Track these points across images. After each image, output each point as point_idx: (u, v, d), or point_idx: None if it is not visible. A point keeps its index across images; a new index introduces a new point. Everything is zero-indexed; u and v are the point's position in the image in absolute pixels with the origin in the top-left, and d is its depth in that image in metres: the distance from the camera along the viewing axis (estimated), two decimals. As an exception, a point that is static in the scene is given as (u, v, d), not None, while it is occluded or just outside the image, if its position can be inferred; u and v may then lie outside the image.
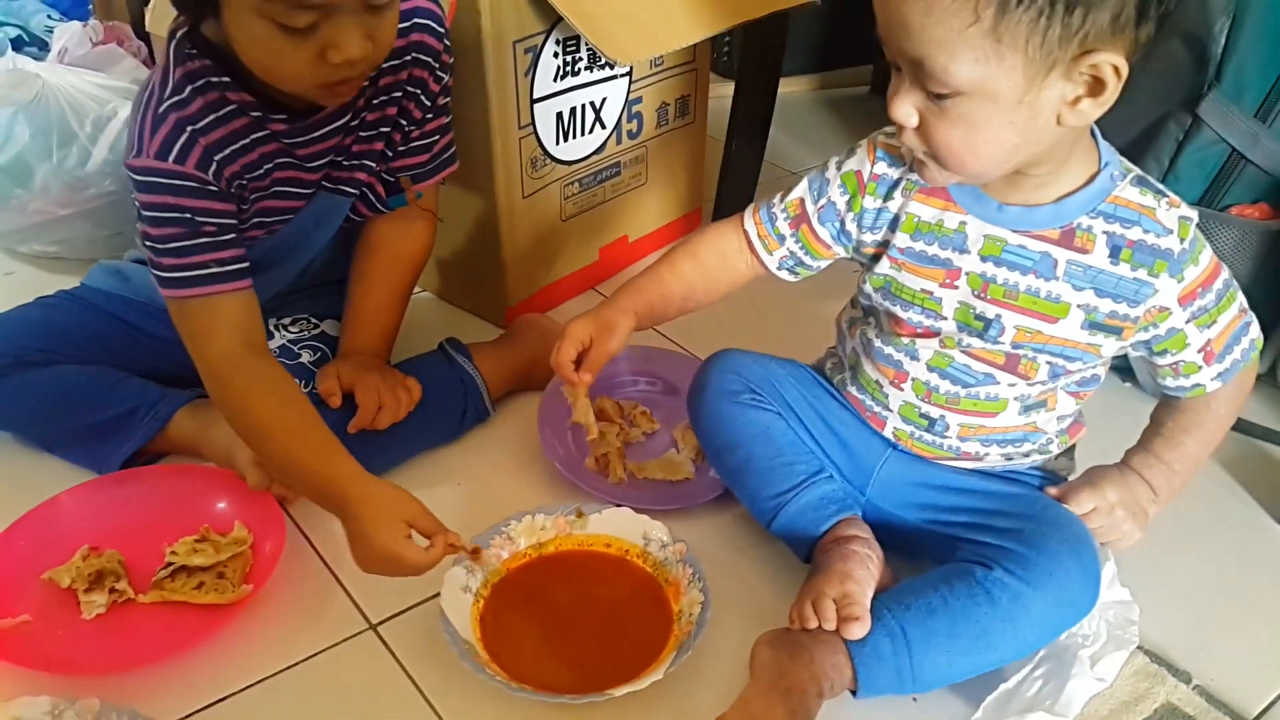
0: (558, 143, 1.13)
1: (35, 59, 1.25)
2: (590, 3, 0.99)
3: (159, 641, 0.79)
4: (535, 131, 1.10)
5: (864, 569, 0.75)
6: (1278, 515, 0.95)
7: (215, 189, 0.80)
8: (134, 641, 0.79)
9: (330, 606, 0.84)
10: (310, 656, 0.79)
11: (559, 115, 1.12)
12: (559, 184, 1.17)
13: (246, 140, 0.81)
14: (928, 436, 0.81)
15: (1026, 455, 0.81)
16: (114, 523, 0.88)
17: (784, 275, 0.84)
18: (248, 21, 0.73)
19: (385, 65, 0.86)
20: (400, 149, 0.93)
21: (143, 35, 1.39)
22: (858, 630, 0.71)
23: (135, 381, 0.95)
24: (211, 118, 0.79)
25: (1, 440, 0.98)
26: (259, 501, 0.88)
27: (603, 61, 1.12)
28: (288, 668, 0.79)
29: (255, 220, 0.87)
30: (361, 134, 0.90)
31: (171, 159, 0.77)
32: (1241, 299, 0.74)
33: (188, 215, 0.79)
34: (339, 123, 0.87)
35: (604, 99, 1.16)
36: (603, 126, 1.18)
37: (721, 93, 1.38)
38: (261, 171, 0.84)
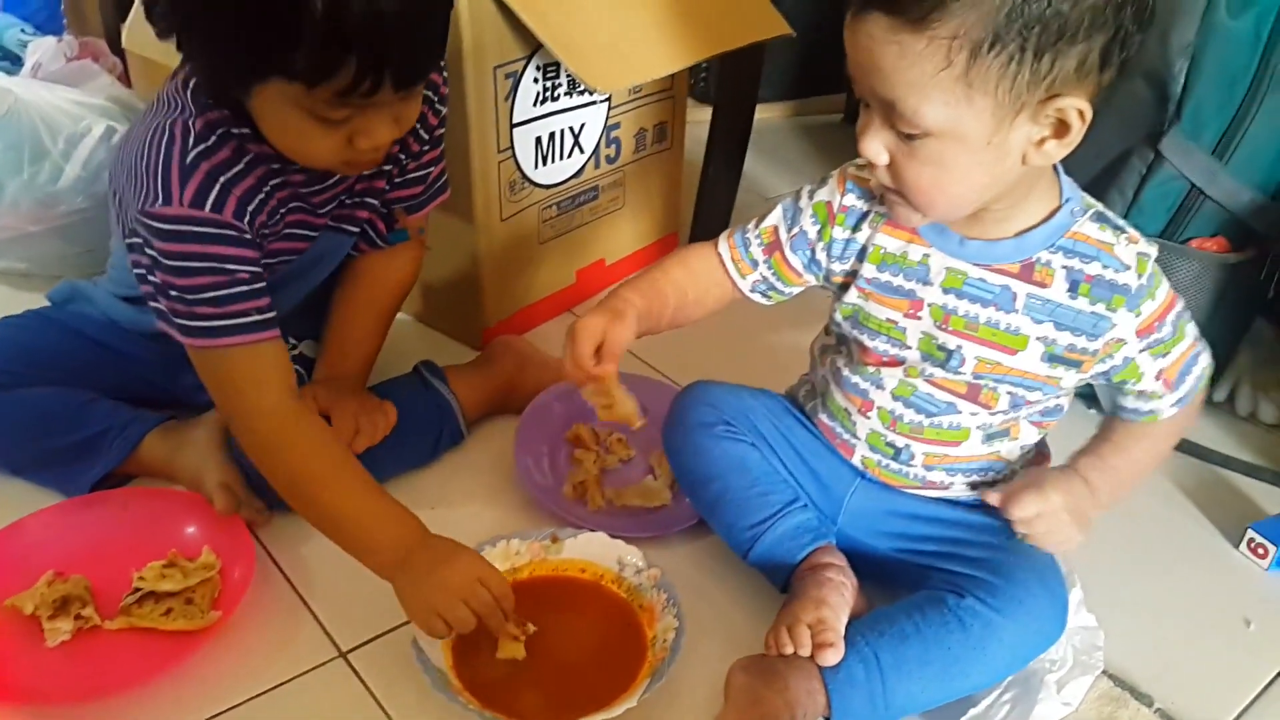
0: (536, 166, 1.14)
1: (8, 74, 1.25)
2: (572, 31, 1.00)
3: (126, 669, 0.78)
4: (514, 155, 1.10)
5: (838, 596, 0.76)
6: (1236, 541, 0.97)
7: (249, 237, 0.79)
8: (100, 669, 0.78)
9: (300, 633, 0.83)
10: (280, 684, 0.79)
11: (538, 140, 1.12)
12: (537, 207, 1.17)
13: (268, 188, 0.81)
14: (894, 465, 0.82)
15: (992, 485, 0.82)
16: (80, 547, 0.87)
17: (756, 298, 0.84)
18: (282, 110, 0.73)
19: None
20: (397, 181, 0.93)
21: (118, 51, 1.38)
22: (832, 656, 0.71)
23: (105, 403, 0.94)
24: (240, 166, 0.78)
25: (-38, 458, 0.96)
26: (228, 526, 0.87)
27: (582, 88, 1.13)
28: (257, 695, 0.78)
29: (264, 262, 0.86)
30: (365, 172, 0.89)
31: (209, 208, 0.76)
32: (1193, 328, 0.76)
33: (224, 264, 0.77)
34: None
35: (583, 124, 1.17)
36: (581, 151, 1.19)
37: (699, 118, 1.40)
38: (278, 217, 0.84)
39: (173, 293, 0.77)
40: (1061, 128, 0.64)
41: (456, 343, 1.20)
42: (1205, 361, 0.77)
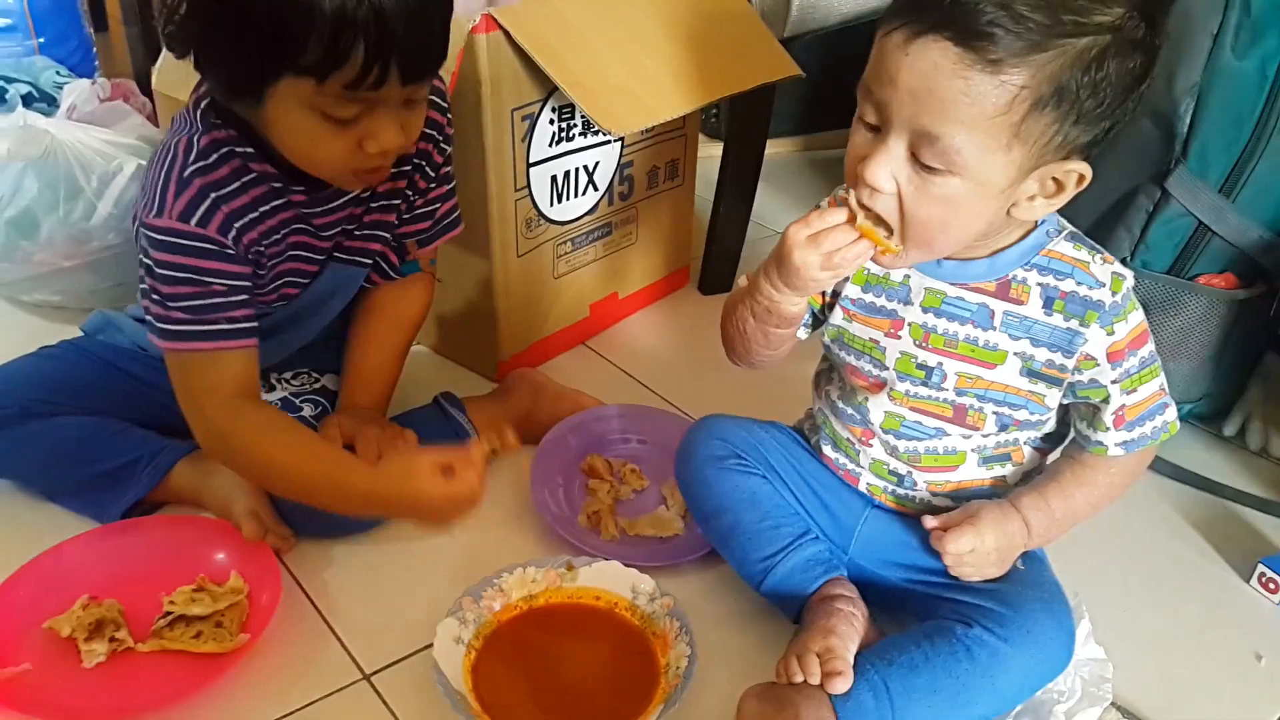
0: (552, 204, 1.17)
1: (45, 114, 1.29)
2: (586, 75, 1.03)
3: (158, 690, 0.80)
4: (530, 194, 1.14)
5: (848, 625, 0.78)
6: (1246, 575, 0.97)
7: (232, 252, 0.83)
8: (133, 690, 0.80)
9: (324, 656, 0.85)
10: (306, 705, 0.81)
11: (553, 178, 1.16)
12: (552, 243, 1.20)
13: (266, 207, 0.85)
14: (899, 490, 0.84)
15: None
16: (113, 572, 0.89)
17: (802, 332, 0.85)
18: (294, 112, 0.76)
19: None
20: (405, 216, 0.97)
21: (148, 92, 1.43)
22: (840, 684, 0.73)
23: (136, 432, 0.98)
24: (235, 185, 0.82)
25: (4, 489, 0.99)
26: (255, 552, 0.90)
27: (596, 128, 1.16)
28: (284, 716, 0.80)
29: (276, 284, 0.90)
30: (373, 205, 0.93)
31: (194, 222, 0.80)
32: (1163, 379, 0.76)
33: (202, 276, 0.82)
34: (352, 194, 0.90)
35: (596, 163, 1.20)
36: (595, 189, 1.22)
37: (710, 153, 1.43)
38: (279, 237, 0.87)
39: (155, 297, 0.83)
40: (1057, 187, 0.67)
41: (474, 375, 1.23)
42: (1170, 416, 0.77)
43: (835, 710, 0.73)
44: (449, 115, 0.95)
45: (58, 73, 1.41)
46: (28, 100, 1.30)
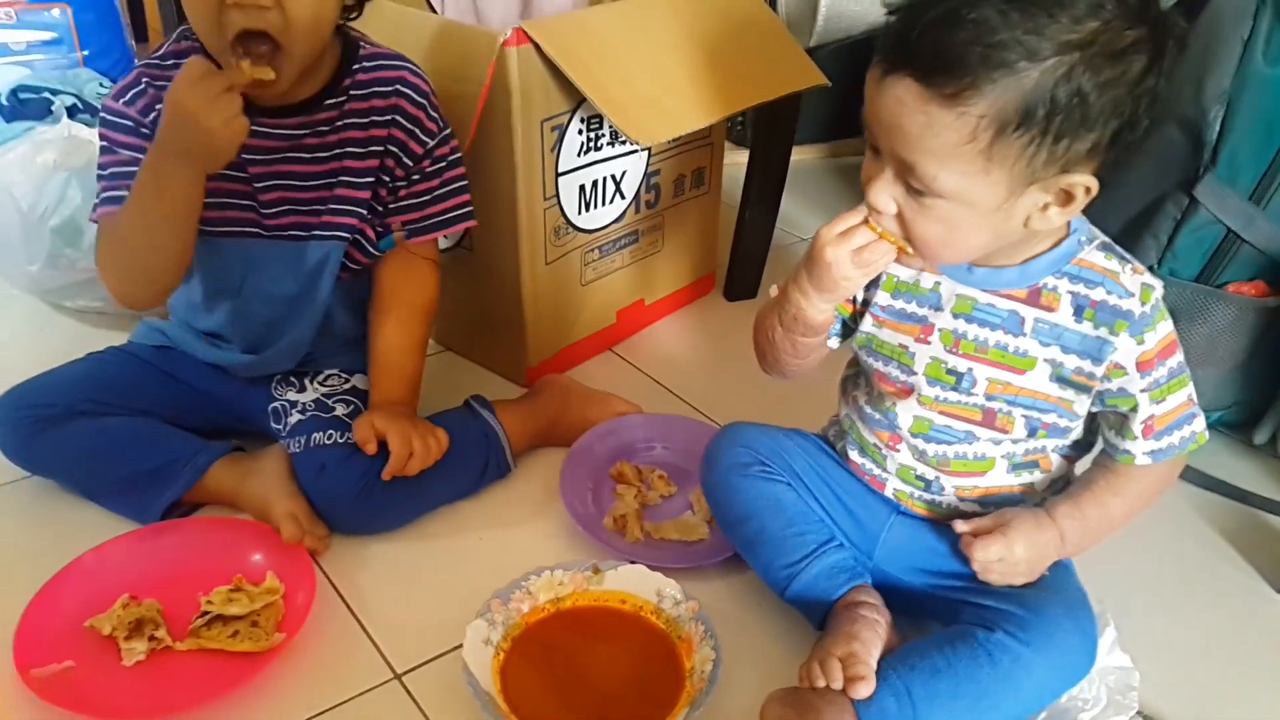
0: (580, 213, 1.19)
1: (88, 125, 1.32)
2: (614, 87, 1.05)
3: (196, 688, 0.82)
4: (559, 202, 1.15)
5: (870, 631, 0.78)
6: (1278, 585, 0.97)
7: (148, 132, 0.91)
8: (172, 688, 0.83)
9: (357, 656, 0.87)
10: (339, 704, 0.83)
11: (581, 187, 1.17)
12: (580, 251, 1.22)
13: None
14: (926, 496, 0.85)
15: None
16: (153, 572, 0.92)
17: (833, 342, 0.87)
18: None
19: (364, 118, 0.96)
20: (390, 204, 1.00)
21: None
22: (863, 689, 0.73)
23: (177, 434, 1.00)
24: (168, 65, 0.92)
25: (47, 488, 1.02)
26: (291, 553, 0.92)
27: (624, 138, 1.18)
28: (317, 714, 0.82)
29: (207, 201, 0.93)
30: (343, 178, 0.96)
31: (122, 102, 0.92)
32: (1191, 389, 0.77)
33: (119, 149, 0.92)
34: (285, 130, 0.95)
35: (624, 172, 1.22)
36: (622, 197, 1.24)
37: (736, 160, 1.44)
38: None
39: (97, 169, 0.94)
40: (1066, 197, 0.68)
41: (503, 380, 1.24)
42: (1199, 426, 0.77)
43: (858, 715, 0.73)
44: (432, 114, 0.98)
45: (100, 84, 1.45)
46: (72, 112, 1.34)
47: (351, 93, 0.95)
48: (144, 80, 0.92)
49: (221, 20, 0.83)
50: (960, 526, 0.79)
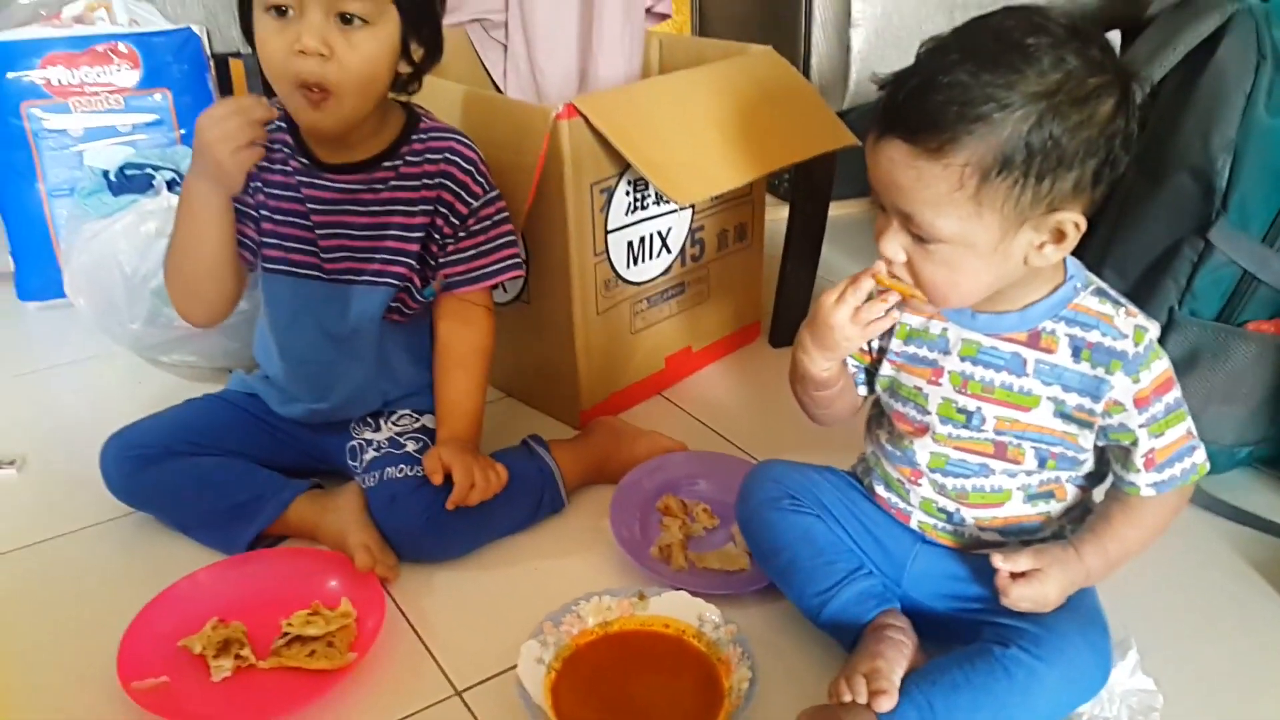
0: (628, 267, 1.27)
1: (183, 196, 1.45)
2: (656, 152, 1.14)
3: (276, 702, 0.89)
4: (609, 258, 1.24)
5: (895, 650, 0.83)
6: (1304, 614, 0.99)
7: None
8: (255, 701, 0.89)
9: (422, 674, 0.94)
10: (404, 717, 0.89)
11: (629, 244, 1.26)
12: (629, 302, 1.30)
13: (276, 162, 1.05)
14: (948, 527, 0.90)
15: (1043, 543, 0.87)
16: (239, 598, 0.99)
17: (862, 390, 0.94)
18: (258, 16, 0.95)
19: (414, 180, 1.05)
20: (441, 259, 1.09)
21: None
22: (885, 703, 0.77)
23: (262, 472, 1.10)
24: (275, 142, 1.04)
25: (148, 522, 1.12)
26: (364, 581, 0.99)
27: (666, 198, 1.26)
28: (386, 727, 0.89)
29: (267, 237, 1.08)
30: (394, 231, 1.06)
31: None
32: (1190, 423, 0.81)
33: None
34: (344, 184, 1.06)
35: (669, 228, 1.30)
36: (668, 252, 1.32)
37: (779, 215, 1.51)
38: (276, 192, 1.06)
39: None
40: (1059, 235, 0.74)
41: (558, 423, 1.32)
42: (1199, 458, 0.81)
43: (882, 727, 0.78)
44: (479, 179, 1.07)
45: (194, 158, 1.59)
46: (171, 185, 1.46)
47: (407, 157, 1.06)
48: None
49: (287, 67, 0.95)
50: (997, 562, 0.81)
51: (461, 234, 1.08)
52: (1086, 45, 0.71)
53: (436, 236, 1.08)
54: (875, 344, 0.89)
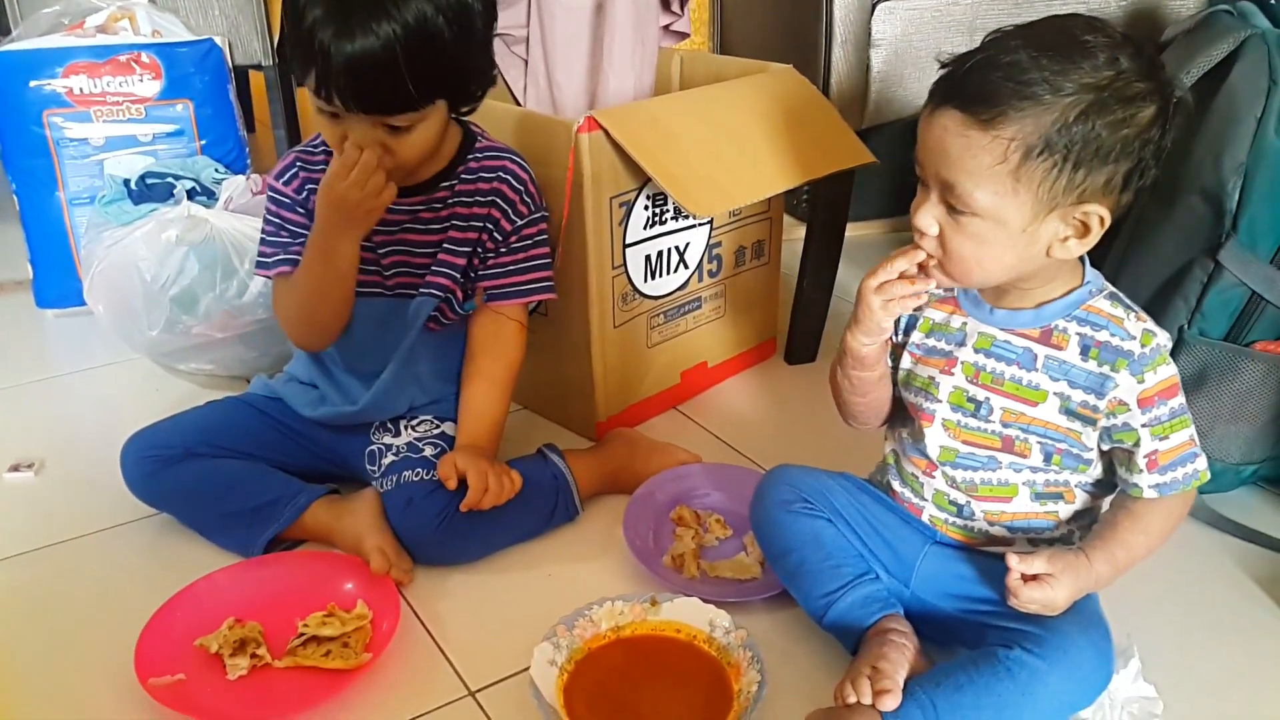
0: (645, 281, 1.29)
1: (205, 206, 1.46)
2: (675, 166, 1.16)
3: (292, 700, 0.90)
4: (626, 271, 1.26)
5: (898, 653, 0.84)
6: (1308, 628, 0.99)
7: (302, 210, 1.09)
8: (270, 699, 0.91)
9: (436, 674, 0.95)
10: (419, 717, 0.90)
11: (647, 257, 1.28)
12: (646, 316, 1.32)
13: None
14: (959, 520, 0.92)
15: (1050, 545, 0.89)
16: (256, 598, 1.00)
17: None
18: (312, 99, 1.00)
19: (469, 198, 1.09)
20: (480, 271, 1.13)
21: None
22: (889, 701, 0.79)
23: (280, 476, 1.11)
24: (321, 162, 1.08)
25: (168, 523, 1.13)
26: (379, 583, 1.01)
27: (685, 213, 1.28)
28: (400, 725, 0.90)
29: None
30: (446, 245, 1.10)
31: (281, 181, 1.10)
32: (1193, 431, 0.83)
33: (281, 219, 1.11)
34: (406, 206, 1.09)
35: (687, 244, 1.32)
36: (686, 267, 1.34)
37: (796, 234, 1.52)
38: None
39: (260, 232, 1.13)
40: (1084, 229, 0.77)
41: (574, 434, 1.33)
42: (1201, 465, 0.83)
43: (886, 727, 0.79)
44: (526, 197, 1.11)
45: (216, 170, 1.60)
46: (191, 194, 1.48)
47: (463, 176, 1.10)
48: (297, 164, 1.10)
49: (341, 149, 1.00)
50: (1012, 562, 0.81)
51: (503, 250, 1.12)
52: (1140, 51, 0.76)
53: (480, 251, 1.12)
54: (902, 338, 0.92)
